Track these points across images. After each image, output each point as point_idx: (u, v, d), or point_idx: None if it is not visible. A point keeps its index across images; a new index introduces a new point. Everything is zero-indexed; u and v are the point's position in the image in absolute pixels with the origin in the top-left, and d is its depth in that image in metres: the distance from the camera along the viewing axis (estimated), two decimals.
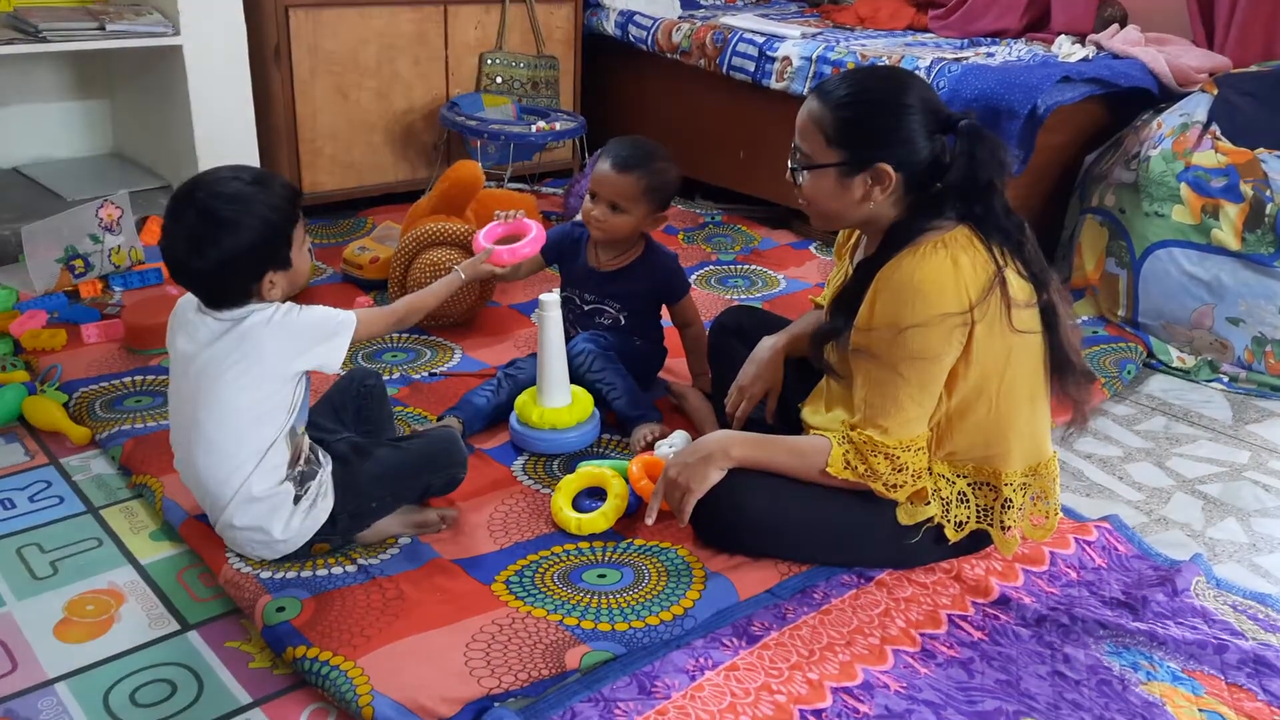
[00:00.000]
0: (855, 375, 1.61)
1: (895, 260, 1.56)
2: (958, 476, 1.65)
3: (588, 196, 2.14)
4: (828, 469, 1.62)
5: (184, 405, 1.61)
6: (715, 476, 1.66)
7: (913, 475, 1.59)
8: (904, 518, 1.65)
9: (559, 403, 2.00)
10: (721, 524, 1.69)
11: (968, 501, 1.66)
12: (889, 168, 1.56)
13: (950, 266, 1.52)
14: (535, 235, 2.02)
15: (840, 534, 1.68)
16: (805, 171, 1.63)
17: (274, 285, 1.57)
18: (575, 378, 2.07)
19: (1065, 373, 1.61)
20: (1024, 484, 1.65)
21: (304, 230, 1.62)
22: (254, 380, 1.55)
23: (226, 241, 1.51)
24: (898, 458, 1.58)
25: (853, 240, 1.82)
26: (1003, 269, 1.54)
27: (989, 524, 1.67)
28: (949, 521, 1.66)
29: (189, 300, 1.61)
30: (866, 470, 1.60)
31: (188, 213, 1.52)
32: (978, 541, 1.72)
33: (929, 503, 1.64)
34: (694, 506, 1.67)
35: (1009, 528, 1.66)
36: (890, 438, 1.57)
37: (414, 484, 1.71)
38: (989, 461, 1.63)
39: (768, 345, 1.92)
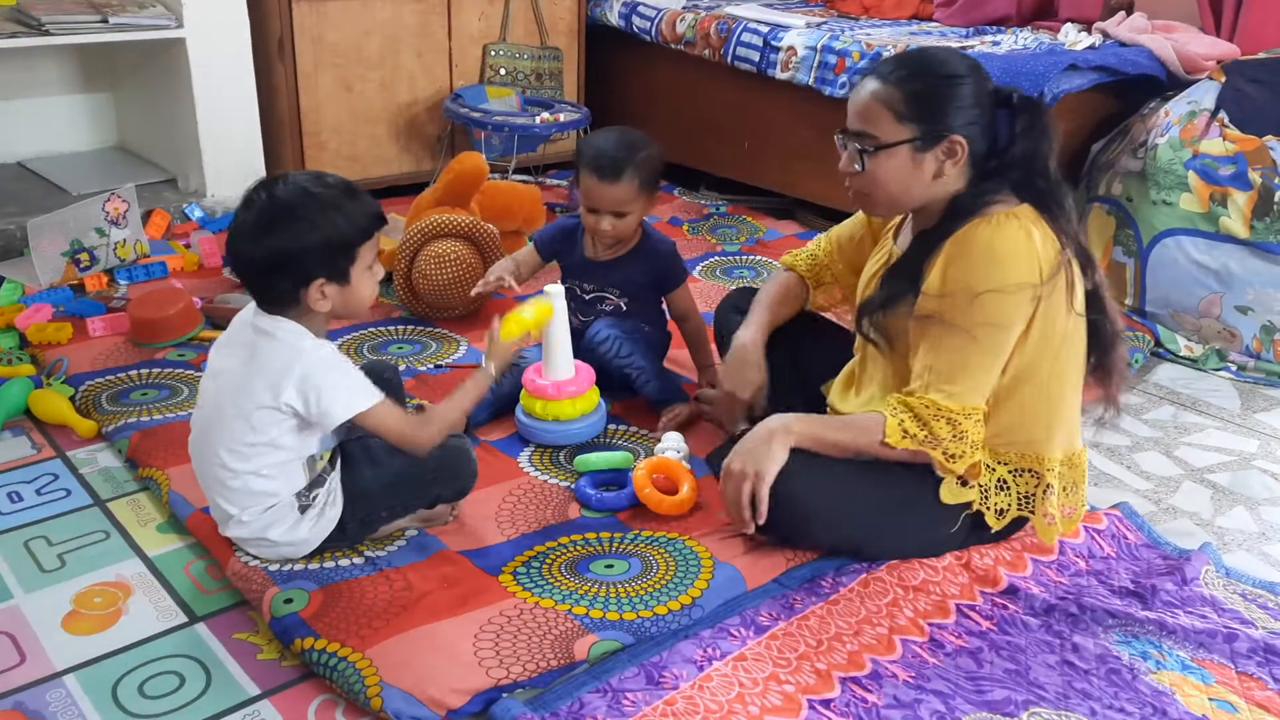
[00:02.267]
0: (919, 343, 1.59)
1: (969, 227, 1.55)
2: (998, 463, 1.65)
3: (584, 209, 2.11)
4: (886, 439, 1.59)
5: (203, 409, 1.60)
6: (781, 455, 1.60)
7: (971, 445, 1.58)
8: (947, 496, 1.63)
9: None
10: (774, 519, 1.64)
11: (1008, 488, 1.65)
12: (962, 139, 1.56)
13: (1025, 237, 1.53)
14: (585, 373, 2.02)
15: (881, 523, 1.66)
16: (874, 155, 1.59)
17: (324, 297, 1.53)
18: (602, 364, 2.08)
19: (1115, 349, 1.62)
20: (1060, 472, 1.65)
21: (375, 256, 1.57)
22: (259, 406, 1.52)
23: (285, 234, 1.48)
24: (959, 424, 1.56)
25: (894, 221, 1.80)
26: (1066, 249, 1.55)
27: (1030, 511, 1.66)
28: (989, 509, 1.65)
29: (249, 310, 1.58)
30: (927, 436, 1.57)
31: (259, 197, 1.50)
32: (1009, 529, 1.71)
33: (979, 483, 1.63)
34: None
35: (1050, 515, 1.65)
36: (955, 402, 1.56)
37: (423, 494, 1.70)
38: (1031, 446, 1.63)
39: (748, 342, 1.87)
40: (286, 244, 1.48)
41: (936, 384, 1.57)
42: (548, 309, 1.92)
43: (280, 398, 1.51)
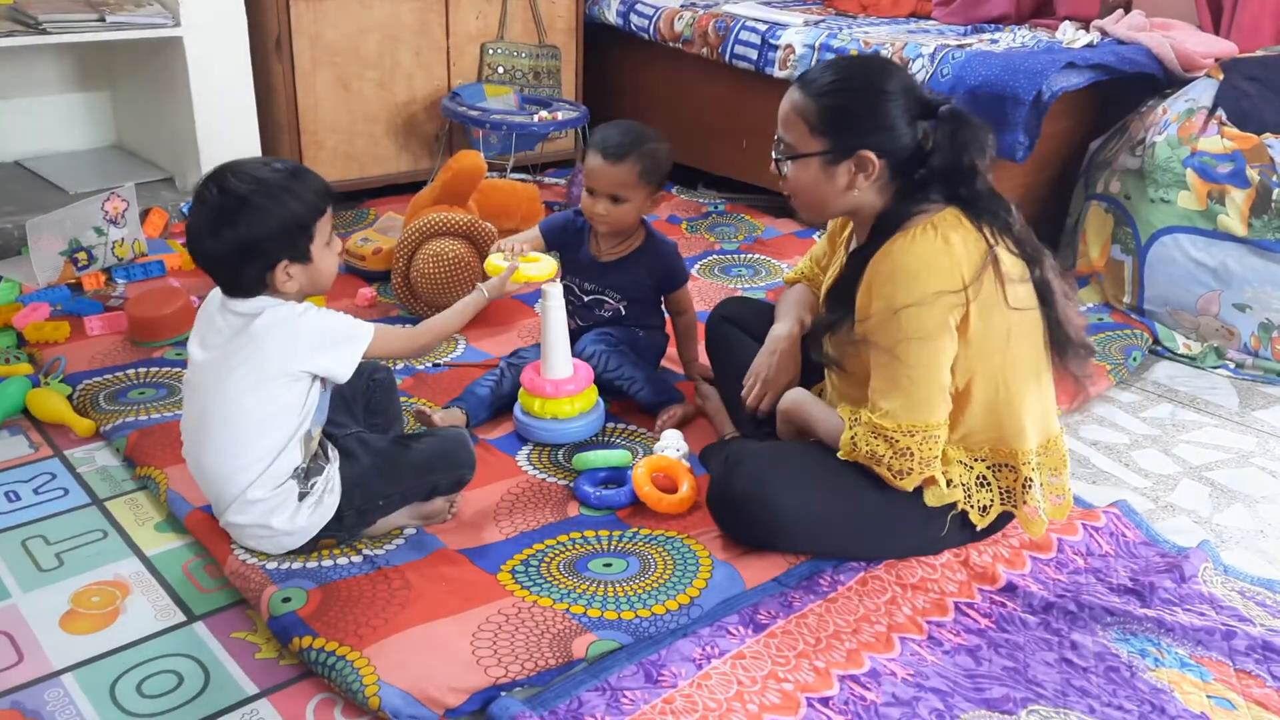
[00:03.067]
0: (871, 365, 1.61)
1: (887, 245, 1.56)
2: (975, 460, 1.64)
3: (585, 193, 2.12)
4: (839, 450, 1.63)
5: (194, 400, 1.61)
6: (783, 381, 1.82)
7: (920, 462, 1.58)
8: (931, 499, 1.64)
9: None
10: (754, 524, 1.67)
11: (989, 485, 1.65)
12: (872, 155, 1.57)
13: (942, 245, 1.53)
14: (583, 372, 2.02)
15: (869, 528, 1.67)
16: (789, 162, 1.63)
17: (290, 278, 1.55)
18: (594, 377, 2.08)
19: (1064, 347, 1.61)
20: (1039, 462, 1.65)
21: (332, 230, 1.60)
22: (259, 381, 1.54)
23: (242, 224, 1.50)
24: (897, 441, 1.56)
25: (847, 230, 1.81)
26: (994, 246, 1.54)
27: (1012, 505, 1.66)
28: (973, 507, 1.65)
29: (214, 298, 1.60)
30: (869, 453, 1.59)
31: (211, 192, 1.52)
32: (995, 524, 1.71)
33: (961, 481, 1.63)
34: (722, 509, 1.69)
35: (1034, 508, 1.65)
36: (889, 420, 1.56)
37: (421, 484, 1.70)
38: (1004, 442, 1.62)
39: (783, 335, 1.88)
40: (246, 234, 1.50)
41: (874, 403, 1.59)
42: (537, 258, 1.99)
43: (292, 365, 1.54)
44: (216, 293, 1.60)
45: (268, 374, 1.54)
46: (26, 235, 2.61)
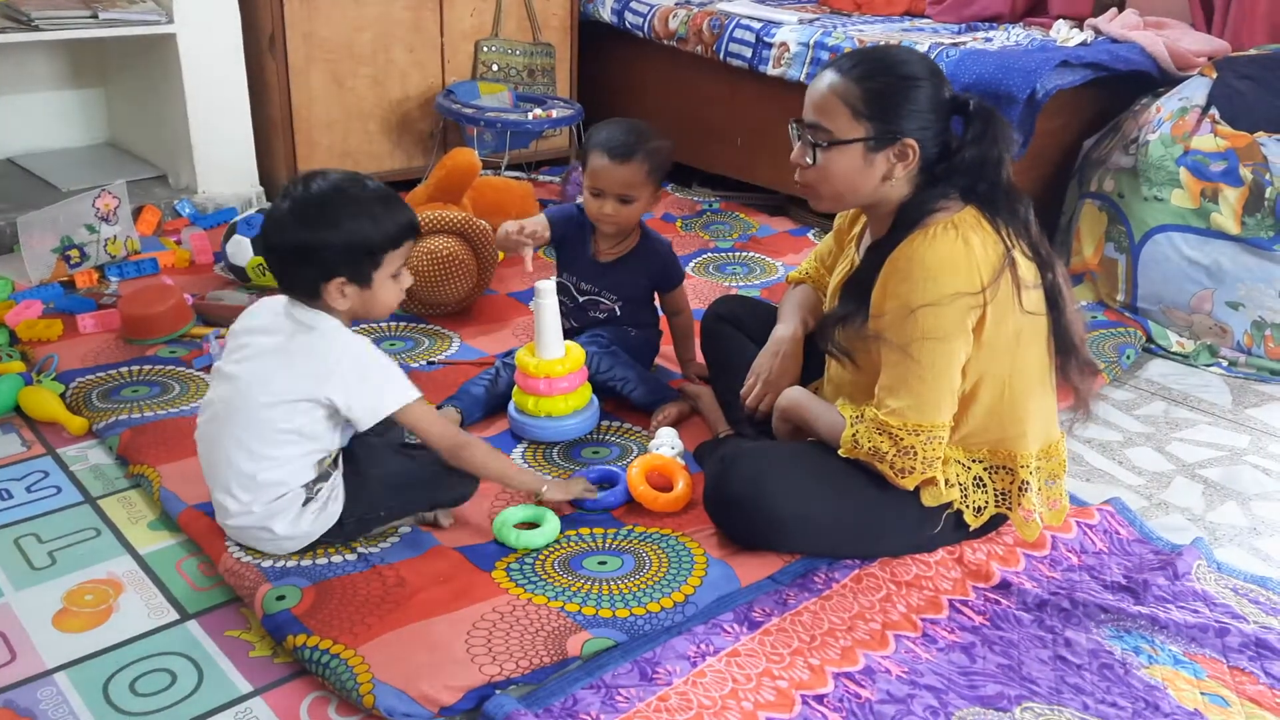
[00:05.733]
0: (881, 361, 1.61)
1: (906, 242, 1.56)
2: (973, 461, 1.65)
3: (588, 194, 2.11)
4: (840, 448, 1.63)
5: (219, 388, 1.60)
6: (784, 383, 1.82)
7: (923, 462, 1.58)
8: (928, 499, 1.64)
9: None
10: (750, 523, 1.67)
11: (985, 486, 1.66)
12: (914, 143, 1.56)
13: (962, 246, 1.52)
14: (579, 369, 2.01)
15: (864, 527, 1.67)
16: (826, 150, 1.59)
17: (344, 296, 1.55)
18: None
19: (1069, 357, 1.61)
20: (1037, 466, 1.65)
21: (402, 265, 1.60)
22: (284, 395, 1.53)
23: (313, 229, 1.51)
24: (901, 440, 1.57)
25: (858, 227, 1.81)
26: (1011, 250, 1.54)
27: (1007, 508, 1.66)
28: (968, 507, 1.66)
29: (279, 304, 1.60)
30: (872, 450, 1.59)
31: (296, 188, 1.54)
32: (989, 524, 1.71)
33: (959, 481, 1.63)
34: (718, 509, 1.69)
35: (1029, 511, 1.65)
36: (896, 419, 1.56)
37: (424, 498, 1.71)
38: (1004, 444, 1.63)
39: (787, 336, 1.88)
40: (311, 237, 1.52)
41: (882, 400, 1.58)
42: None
43: (322, 390, 1.53)
44: (278, 300, 1.61)
45: (295, 391, 1.53)
46: (18, 233, 2.60)
